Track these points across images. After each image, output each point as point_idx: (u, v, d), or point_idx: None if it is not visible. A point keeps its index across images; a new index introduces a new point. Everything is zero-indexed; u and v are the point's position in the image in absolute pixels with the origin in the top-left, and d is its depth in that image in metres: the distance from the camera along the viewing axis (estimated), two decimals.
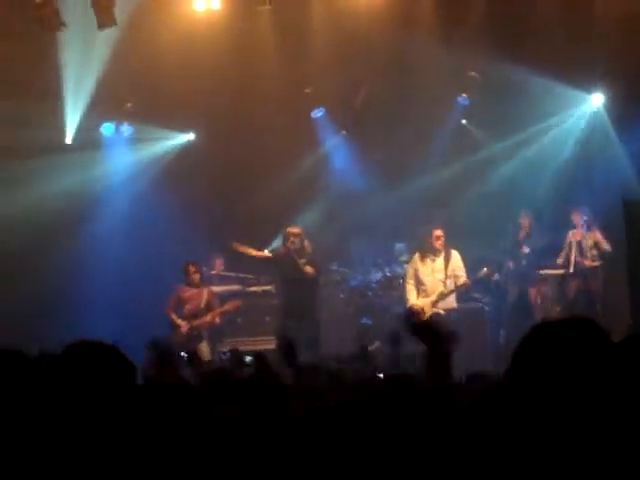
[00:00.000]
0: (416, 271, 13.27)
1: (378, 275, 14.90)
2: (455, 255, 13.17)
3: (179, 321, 13.41)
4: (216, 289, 14.27)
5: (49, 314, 14.01)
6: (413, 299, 13.21)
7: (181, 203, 15.20)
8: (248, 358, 8.08)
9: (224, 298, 14.20)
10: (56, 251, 14.57)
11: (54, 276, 14.44)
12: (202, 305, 13.51)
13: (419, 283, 13.25)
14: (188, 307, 13.50)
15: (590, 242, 13.55)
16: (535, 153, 14.92)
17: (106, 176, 15.63)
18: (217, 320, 13.64)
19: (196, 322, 13.39)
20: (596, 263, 13.59)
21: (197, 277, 13.60)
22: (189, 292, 13.57)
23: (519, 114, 14.76)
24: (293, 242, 13.10)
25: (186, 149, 16.09)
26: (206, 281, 14.06)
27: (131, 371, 3.20)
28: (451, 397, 5.27)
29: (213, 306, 13.58)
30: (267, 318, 14.42)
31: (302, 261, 13.09)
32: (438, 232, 13.18)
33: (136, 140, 15.87)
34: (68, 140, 15.47)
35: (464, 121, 15.66)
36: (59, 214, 14.62)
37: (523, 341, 2.72)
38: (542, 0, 13.84)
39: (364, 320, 14.51)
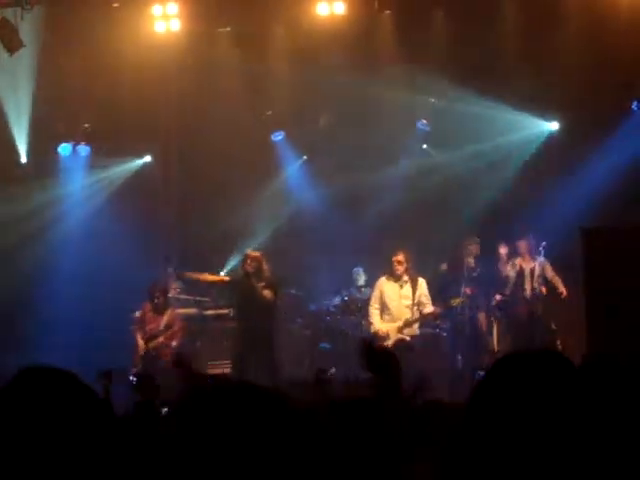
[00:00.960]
0: (382, 294, 13.21)
1: (336, 299, 14.82)
2: (422, 283, 13.13)
3: (139, 342, 13.36)
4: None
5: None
6: (378, 323, 13.16)
7: (137, 224, 15.10)
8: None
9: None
10: (7, 271, 14.47)
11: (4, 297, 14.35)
12: (161, 326, 13.43)
13: (384, 307, 13.19)
14: (149, 327, 13.48)
15: (539, 270, 13.66)
16: (491, 177, 14.95)
17: (62, 196, 15.53)
18: (173, 343, 13.48)
19: (152, 344, 13.32)
20: (543, 291, 13.71)
21: (161, 300, 13.54)
22: (151, 314, 13.52)
23: (476, 137, 14.89)
24: (250, 265, 13.02)
25: (143, 171, 16.00)
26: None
27: (90, 400, 3.08)
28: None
29: (173, 328, 13.49)
30: (225, 342, 14.30)
31: (260, 285, 13.02)
32: (399, 257, 13.14)
33: (93, 161, 15.76)
34: (23, 159, 15.39)
35: (425, 146, 15.70)
36: (12, 234, 14.52)
37: (485, 376, 2.68)
38: (503, 31, 14.00)
39: (322, 345, 14.45)
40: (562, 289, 13.49)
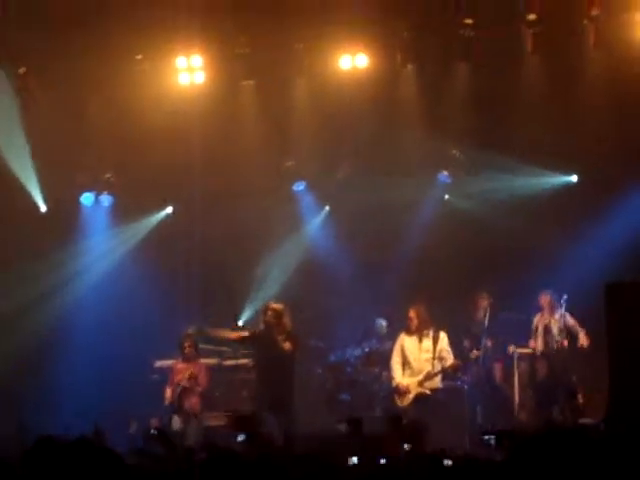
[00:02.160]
0: (402, 348, 13.20)
1: (357, 351, 14.76)
2: (443, 337, 13.13)
3: (167, 392, 13.39)
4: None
5: (23, 386, 13.97)
6: (399, 377, 13.12)
7: (158, 275, 15.16)
8: (240, 437, 8.00)
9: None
10: (29, 323, 14.55)
11: (26, 348, 14.40)
12: (186, 376, 13.36)
13: (405, 361, 13.16)
14: (177, 379, 13.42)
15: (557, 325, 13.61)
16: (513, 230, 14.91)
17: (85, 250, 15.57)
18: (198, 388, 13.35)
19: (177, 391, 13.29)
20: (563, 344, 13.64)
21: (190, 351, 13.52)
22: (181, 365, 13.54)
23: (496, 189, 14.93)
24: (271, 317, 12.97)
25: (164, 222, 16.03)
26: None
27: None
28: None
29: (198, 380, 13.40)
30: (244, 392, 14.26)
31: (281, 337, 12.97)
32: (410, 314, 13.16)
33: (116, 210, 15.80)
34: (43, 209, 15.45)
35: (447, 196, 15.71)
36: (35, 288, 14.63)
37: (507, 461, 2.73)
38: (525, 87, 14.10)
39: (343, 396, 14.38)
40: (582, 341, 13.38)
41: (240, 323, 14.29)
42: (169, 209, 16.12)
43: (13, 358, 14.26)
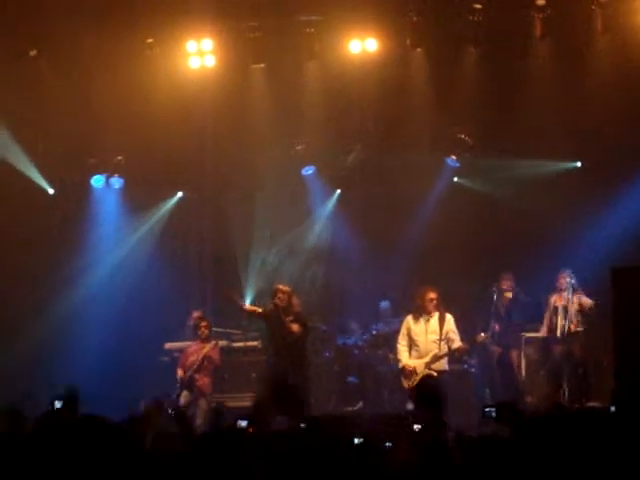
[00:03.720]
0: (409, 331, 13.18)
1: (365, 333, 14.87)
2: (449, 319, 13.10)
3: (179, 373, 13.48)
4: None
5: (39, 369, 14.10)
6: (405, 359, 13.13)
7: (170, 259, 15.28)
8: (243, 423, 8.03)
9: None
10: (42, 309, 14.69)
11: (41, 335, 14.55)
12: (199, 358, 13.46)
13: (412, 343, 13.18)
14: (190, 360, 13.51)
15: (576, 306, 13.64)
16: (520, 212, 14.96)
17: (97, 231, 15.67)
18: (205, 377, 13.51)
19: (190, 373, 13.40)
20: (581, 328, 13.68)
21: (205, 332, 13.59)
22: (195, 346, 13.62)
23: (506, 172, 14.99)
24: (281, 299, 13.05)
25: (177, 206, 16.13)
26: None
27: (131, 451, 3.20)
28: None
29: (211, 360, 13.50)
30: (253, 374, 14.37)
31: (289, 319, 13.05)
32: (432, 295, 13.12)
33: (126, 193, 15.89)
34: (50, 191, 15.53)
35: (456, 179, 15.75)
36: (45, 270, 14.74)
37: (515, 439, 2.80)
38: (533, 72, 14.15)
39: (350, 379, 14.48)
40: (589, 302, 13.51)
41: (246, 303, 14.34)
42: (179, 194, 16.22)
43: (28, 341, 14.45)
